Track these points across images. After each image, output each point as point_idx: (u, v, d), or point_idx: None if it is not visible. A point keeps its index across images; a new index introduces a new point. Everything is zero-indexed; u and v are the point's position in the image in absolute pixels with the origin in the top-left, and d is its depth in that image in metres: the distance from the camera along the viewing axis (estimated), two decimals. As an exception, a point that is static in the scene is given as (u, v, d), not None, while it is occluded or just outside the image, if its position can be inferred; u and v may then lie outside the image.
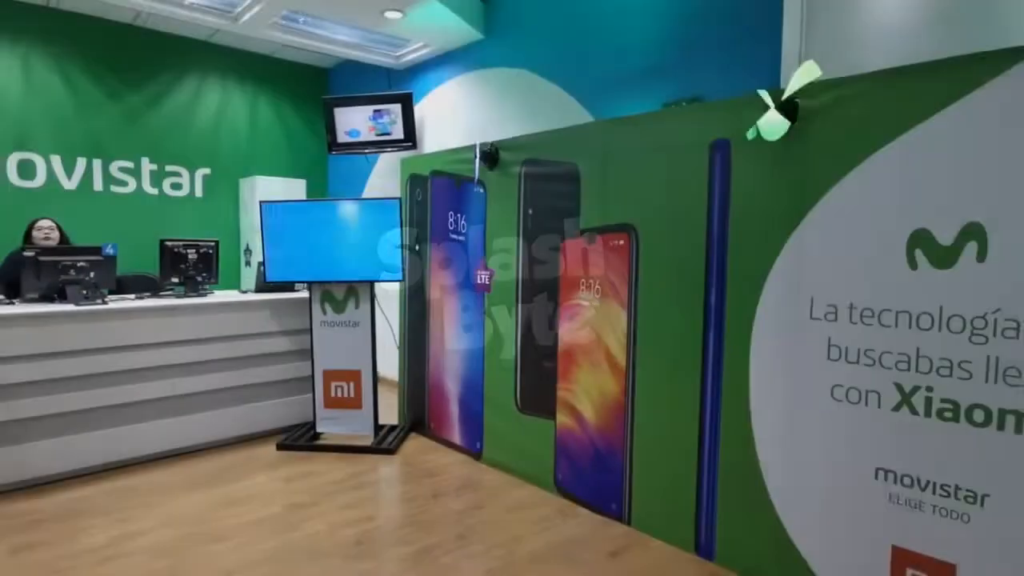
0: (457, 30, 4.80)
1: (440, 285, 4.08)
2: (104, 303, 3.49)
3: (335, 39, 5.29)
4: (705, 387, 2.59)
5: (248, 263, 6.05)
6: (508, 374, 3.55)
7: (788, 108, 2.25)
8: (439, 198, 4.07)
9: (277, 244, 3.98)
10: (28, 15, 5.01)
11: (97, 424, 3.44)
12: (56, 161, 5.24)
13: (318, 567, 2.52)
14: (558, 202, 3.26)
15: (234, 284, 5.94)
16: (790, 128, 2.25)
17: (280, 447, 3.90)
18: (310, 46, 5.39)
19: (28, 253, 3.43)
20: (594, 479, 3.07)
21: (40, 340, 3.22)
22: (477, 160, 3.63)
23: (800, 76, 2.21)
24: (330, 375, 4.04)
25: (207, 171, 6.03)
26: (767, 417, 2.40)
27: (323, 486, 3.34)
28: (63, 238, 4.02)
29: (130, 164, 5.60)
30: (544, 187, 3.35)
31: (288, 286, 4.34)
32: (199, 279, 4.03)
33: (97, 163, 5.43)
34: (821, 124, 2.21)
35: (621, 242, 2.91)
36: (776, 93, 2.28)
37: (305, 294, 4.18)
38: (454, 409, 3.98)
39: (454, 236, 3.94)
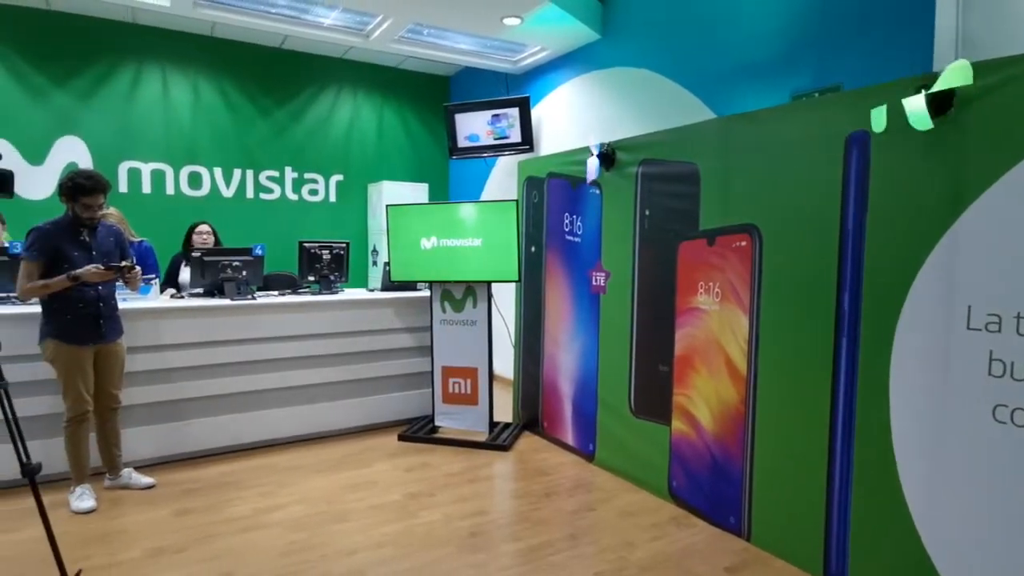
0: (574, 32, 4.80)
1: (555, 286, 4.10)
2: (253, 298, 3.89)
3: (456, 48, 5.49)
4: (837, 399, 2.40)
5: (375, 263, 6.44)
6: (622, 377, 3.49)
7: (940, 100, 2.01)
8: (555, 200, 4.10)
9: (401, 245, 4.21)
10: (197, 45, 5.68)
11: (243, 407, 3.83)
12: (218, 172, 5.90)
13: (434, 555, 2.63)
14: (676, 203, 3.16)
15: (362, 283, 6.35)
16: (943, 115, 2.03)
17: (401, 438, 4.11)
18: (432, 56, 5.64)
19: (195, 254, 3.90)
20: (711, 489, 2.94)
21: (202, 330, 3.64)
22: (592, 161, 3.61)
23: (950, 76, 1.98)
24: (448, 371, 4.20)
25: (340, 177, 6.51)
26: (911, 435, 2.17)
27: (440, 478, 3.48)
28: (217, 240, 4.51)
29: (276, 173, 6.18)
30: (661, 187, 3.27)
31: (411, 285, 4.57)
32: (332, 278, 4.35)
33: (249, 173, 6.05)
34: (982, 110, 1.96)
35: (743, 243, 2.77)
36: (928, 79, 2.06)
37: (426, 293, 4.38)
38: (567, 410, 3.99)
39: (569, 237, 3.95)
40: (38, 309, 3.00)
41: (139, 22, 5.38)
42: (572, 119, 5.22)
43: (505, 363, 4.87)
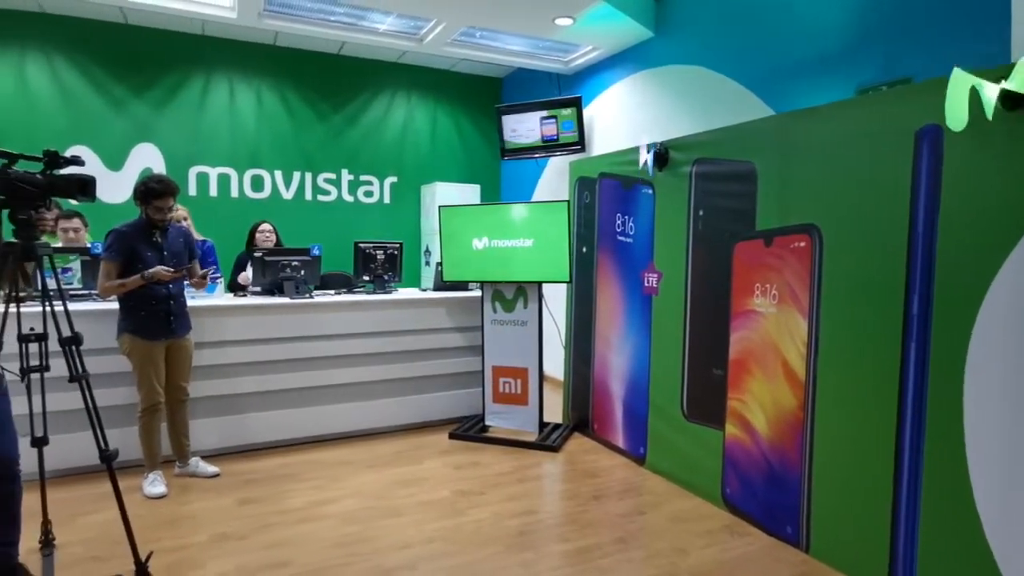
0: (627, 30, 4.75)
1: (607, 287, 4.07)
2: (311, 297, 4.02)
3: (508, 49, 5.53)
4: (904, 405, 2.28)
5: (427, 263, 6.55)
6: (675, 380, 3.43)
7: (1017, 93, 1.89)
8: (607, 200, 4.07)
9: (453, 246, 4.26)
10: (261, 54, 5.92)
11: (300, 402, 3.96)
12: (279, 175, 6.13)
13: (483, 552, 2.66)
14: (731, 202, 3.08)
15: (415, 283, 6.47)
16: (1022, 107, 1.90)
17: (452, 436, 4.16)
18: (485, 58, 5.69)
19: (256, 254, 4.07)
20: (767, 497, 2.85)
21: (262, 327, 3.79)
22: (646, 161, 3.56)
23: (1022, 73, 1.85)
24: (499, 371, 4.23)
25: (394, 179, 6.65)
26: (985, 445, 2.04)
27: (489, 477, 3.51)
28: (278, 239, 4.68)
29: (333, 175, 6.37)
30: (716, 187, 3.19)
31: (462, 285, 4.62)
32: (386, 277, 4.45)
33: (308, 175, 6.25)
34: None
35: (802, 244, 2.68)
36: (1006, 71, 1.94)
37: (478, 293, 4.42)
38: (618, 412, 3.95)
39: (621, 238, 3.91)
40: (116, 305, 3.20)
41: (208, 34, 5.65)
42: (624, 119, 5.16)
43: (555, 363, 4.86)
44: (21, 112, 5.15)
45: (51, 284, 2.18)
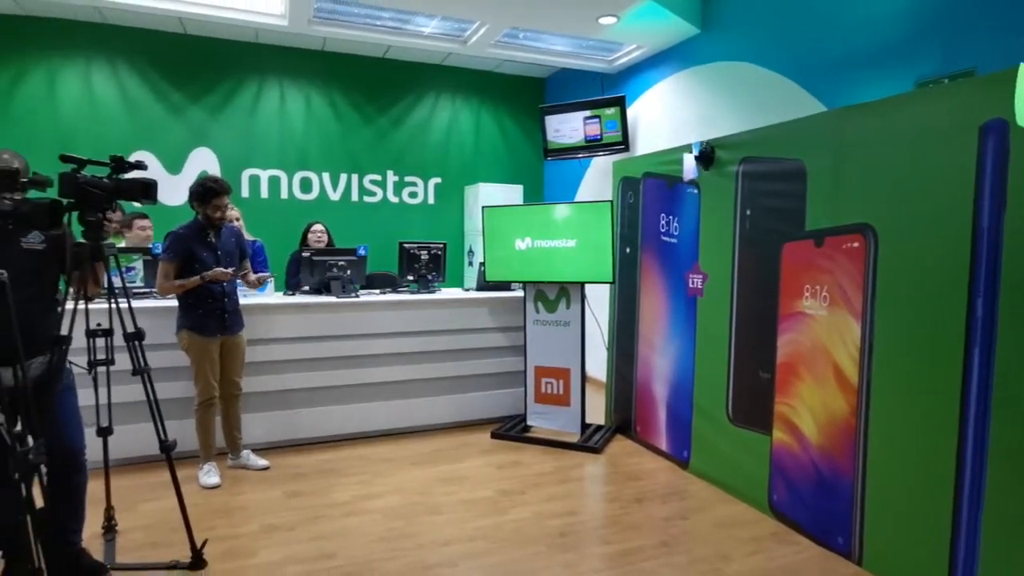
0: (673, 28, 4.68)
1: (650, 288, 4.02)
2: (357, 296, 4.11)
3: (551, 50, 5.52)
4: (967, 414, 2.18)
5: (470, 263, 6.60)
6: (720, 383, 3.37)
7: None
8: (651, 200, 4.02)
9: (496, 246, 4.29)
10: (310, 59, 6.09)
11: (345, 399, 4.05)
12: (326, 177, 6.29)
13: (524, 551, 2.67)
14: (780, 202, 3.00)
15: (458, 283, 6.53)
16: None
17: (494, 436, 4.19)
18: (528, 59, 5.70)
19: (305, 254, 4.18)
20: (816, 505, 2.77)
21: (309, 325, 3.90)
22: (690, 160, 3.51)
23: None
24: (541, 371, 4.23)
25: (438, 180, 6.73)
26: (1056, 459, 1.93)
27: (531, 477, 3.52)
28: (330, 240, 4.80)
29: (378, 177, 6.49)
30: (764, 186, 3.12)
31: (505, 285, 4.64)
32: (430, 277, 4.51)
33: (354, 177, 6.39)
34: None
35: (855, 244, 2.59)
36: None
37: (520, 293, 4.43)
38: (661, 414, 3.89)
39: (666, 238, 3.86)
40: (175, 303, 3.34)
41: (261, 41, 5.84)
42: (669, 117, 5.09)
43: (598, 364, 4.83)
44: (88, 119, 5.43)
45: (116, 282, 2.30)
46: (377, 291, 4.44)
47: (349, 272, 4.17)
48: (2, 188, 1.87)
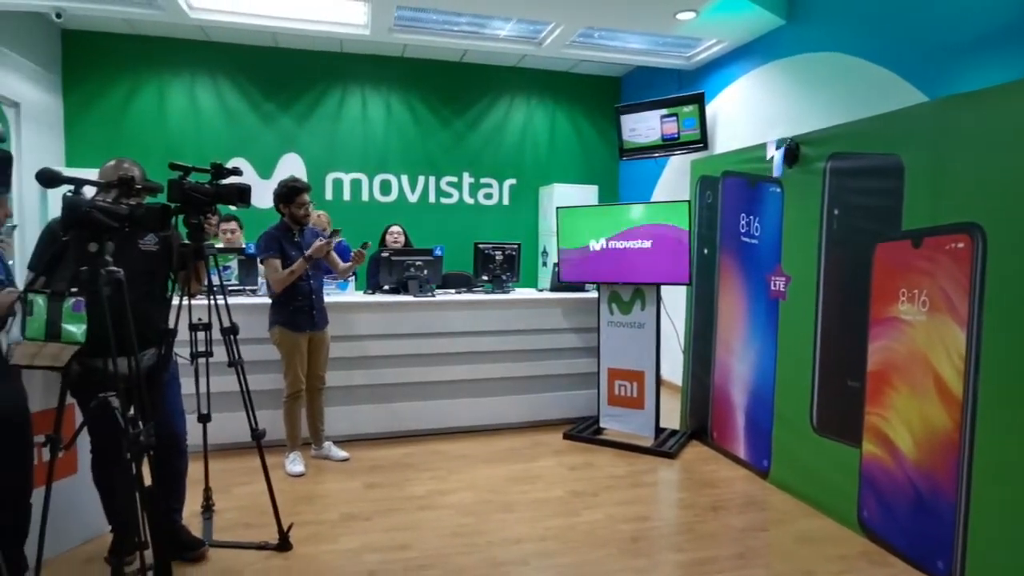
0: (755, 20, 4.50)
1: (730, 290, 3.89)
2: (433, 296, 4.21)
3: (627, 48, 5.44)
4: (1088, 434, 1.97)
5: (545, 264, 6.61)
6: (804, 390, 3.21)
7: None
8: (730, 199, 3.89)
9: (570, 247, 4.28)
10: (390, 65, 6.30)
11: (421, 395, 4.16)
12: (404, 180, 6.49)
13: (595, 554, 2.65)
14: (872, 200, 2.83)
15: (532, 283, 6.55)
16: None
17: (566, 437, 4.18)
18: (603, 58, 5.64)
19: (384, 254, 4.34)
20: (912, 526, 2.59)
21: (388, 323, 4.04)
22: (775, 157, 3.37)
23: None
24: (614, 373, 4.19)
25: (513, 181, 6.79)
26: None
27: (603, 479, 3.49)
28: (407, 241, 4.95)
29: (455, 178, 6.63)
30: (854, 183, 2.94)
31: (579, 286, 4.62)
32: (504, 278, 4.56)
33: (432, 179, 6.56)
34: None
35: (960, 245, 2.40)
36: None
37: (594, 294, 4.41)
38: (740, 421, 3.76)
39: (746, 239, 3.72)
40: (265, 300, 3.55)
41: (345, 51, 6.10)
42: (750, 114, 4.90)
43: (673, 368, 4.72)
44: (192, 129, 5.87)
45: (215, 280, 2.47)
46: (452, 291, 4.53)
47: (426, 272, 4.29)
48: (121, 194, 2.06)
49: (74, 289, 1.81)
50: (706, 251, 4.11)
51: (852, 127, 3.01)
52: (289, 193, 3.42)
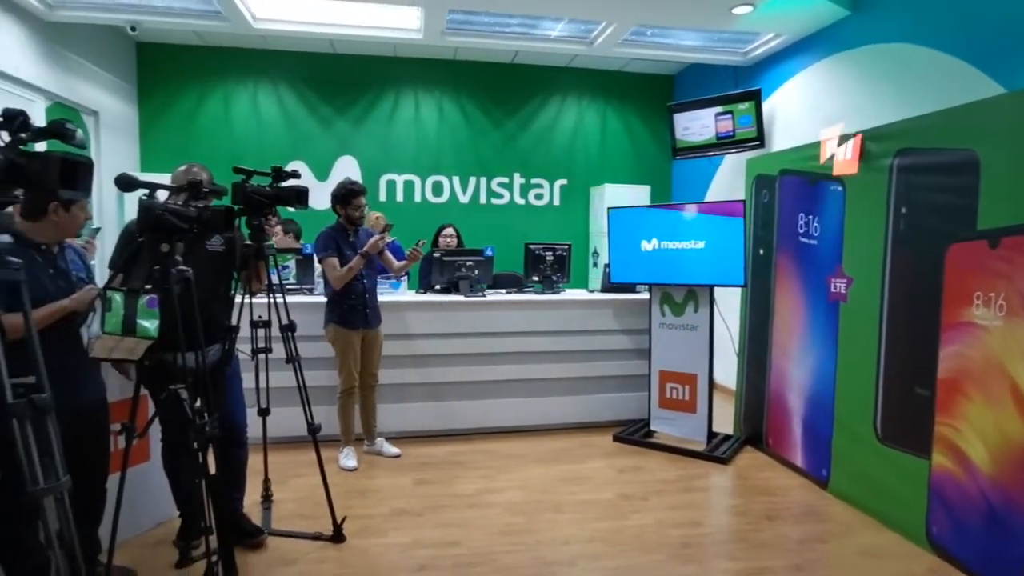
0: (816, 11, 4.34)
1: (787, 292, 3.77)
2: (483, 296, 4.25)
3: (680, 45, 5.35)
4: None
5: (595, 265, 6.57)
6: (867, 397, 3.07)
7: None
8: (788, 198, 3.77)
9: (622, 247, 4.24)
10: (442, 68, 6.40)
11: (471, 395, 4.20)
12: (456, 181, 6.57)
13: (644, 558, 2.61)
14: (944, 198, 2.69)
15: (583, 284, 6.51)
16: None
17: (616, 439, 4.14)
18: (656, 56, 5.56)
19: (435, 255, 4.40)
20: (987, 545, 2.44)
21: (439, 322, 4.10)
22: (841, 152, 3.24)
23: None
24: (666, 376, 4.12)
25: (564, 182, 6.77)
26: None
27: (653, 483, 3.44)
28: (460, 242, 5.01)
29: (505, 179, 6.66)
30: (924, 180, 2.80)
31: (630, 287, 4.57)
32: (554, 278, 4.55)
33: (483, 180, 6.61)
34: None
35: (1042, 245, 2.25)
36: None
37: (646, 295, 4.35)
38: (797, 427, 3.63)
39: (804, 239, 3.60)
40: (322, 299, 3.66)
41: (399, 55, 6.22)
42: (810, 110, 4.72)
43: (726, 371, 4.60)
44: (254, 134, 6.11)
45: (274, 279, 2.57)
46: (503, 291, 4.56)
47: (477, 272, 4.33)
48: (191, 197, 2.17)
49: (148, 286, 1.91)
50: (762, 252, 4.00)
51: (922, 121, 2.87)
52: (346, 195, 3.52)
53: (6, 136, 1.38)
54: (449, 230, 4.95)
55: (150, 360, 1.92)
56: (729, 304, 4.22)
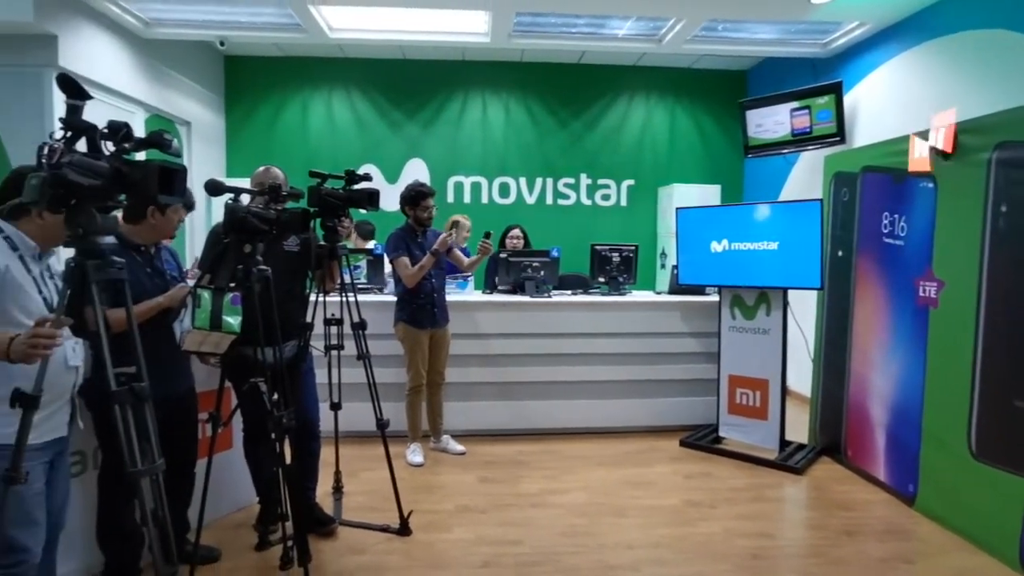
0: (905, -2, 4.09)
1: (869, 295, 3.57)
2: (549, 296, 4.25)
3: (754, 39, 5.16)
4: None
5: (663, 266, 6.44)
6: (960, 409, 2.87)
7: None
8: (871, 197, 3.57)
9: (690, 249, 4.14)
10: (509, 70, 6.45)
11: (535, 395, 4.21)
12: (523, 182, 6.61)
13: (710, 568, 2.54)
14: (1050, 193, 2.47)
15: (650, 285, 6.40)
16: None
17: (683, 444, 4.05)
18: (728, 51, 5.39)
19: (502, 255, 4.45)
20: (1096, 572, 2.23)
21: (504, 322, 4.13)
22: (919, 147, 3.04)
23: None
24: (735, 381, 3.99)
25: (631, 182, 6.68)
26: None
27: (722, 490, 3.34)
28: (526, 243, 5.03)
29: (572, 180, 6.65)
30: (1027, 175, 2.59)
31: (699, 289, 4.45)
32: (620, 279, 4.50)
33: (549, 181, 6.62)
34: None
35: None
36: None
37: (715, 298, 4.23)
38: (879, 439, 3.43)
39: (889, 240, 3.40)
40: (392, 298, 3.77)
41: (467, 59, 6.32)
42: (896, 102, 4.45)
43: (800, 377, 4.41)
44: (329, 139, 6.38)
45: (346, 279, 2.67)
46: (569, 292, 4.54)
47: (542, 273, 4.34)
48: (271, 200, 2.29)
49: (232, 285, 2.04)
50: (840, 253, 3.80)
51: (1024, 112, 2.65)
52: (415, 197, 3.61)
53: (111, 146, 1.51)
54: (516, 231, 4.97)
55: (233, 354, 2.05)
56: (803, 307, 4.04)
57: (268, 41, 5.38)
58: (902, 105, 4.38)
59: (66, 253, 1.61)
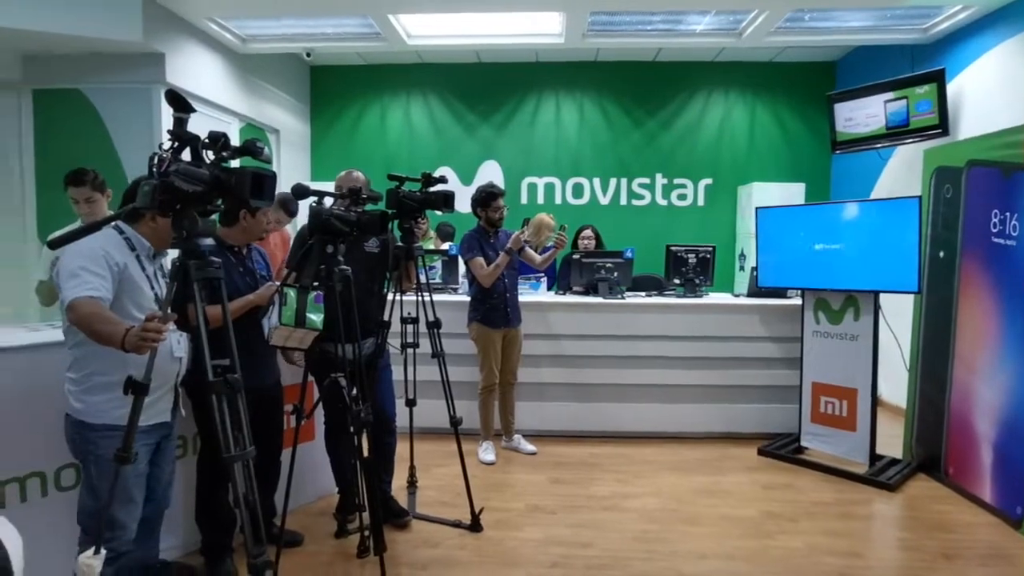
0: (1018, -23, 3.75)
1: (974, 300, 3.30)
2: (623, 298, 4.20)
3: (844, 27, 4.88)
4: None
5: (742, 268, 6.21)
6: (1078, 426, 2.60)
7: None
8: (977, 193, 3.30)
9: (771, 250, 3.97)
10: (583, 70, 6.42)
11: (608, 397, 4.16)
12: (596, 182, 6.56)
13: (792, 584, 2.43)
14: None
15: (727, 288, 6.18)
16: None
17: (761, 452, 3.88)
18: (814, 42, 5.13)
19: (575, 256, 4.43)
20: None
21: (577, 323, 4.11)
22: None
23: None
24: (820, 388, 3.79)
25: (709, 181, 6.48)
26: None
27: (805, 504, 3.18)
28: (599, 243, 4.98)
29: (647, 180, 6.53)
30: None
31: (780, 292, 4.26)
32: (697, 281, 4.38)
33: (623, 181, 6.54)
34: None
35: None
36: None
37: (797, 301, 4.03)
38: (985, 456, 3.17)
39: (998, 240, 3.13)
40: (463, 298, 3.84)
41: (540, 60, 6.35)
42: (1006, 91, 4.08)
43: (894, 387, 4.13)
44: (407, 143, 6.58)
45: (422, 278, 2.74)
46: (643, 293, 4.47)
47: (616, 274, 4.29)
48: (352, 202, 2.40)
49: (316, 283, 2.14)
50: (942, 254, 3.53)
51: None
52: (486, 198, 3.66)
53: (211, 155, 1.63)
54: (587, 231, 4.94)
55: (315, 350, 2.15)
56: (894, 312, 3.78)
57: (350, 50, 5.62)
58: (1013, 94, 4.02)
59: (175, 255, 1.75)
